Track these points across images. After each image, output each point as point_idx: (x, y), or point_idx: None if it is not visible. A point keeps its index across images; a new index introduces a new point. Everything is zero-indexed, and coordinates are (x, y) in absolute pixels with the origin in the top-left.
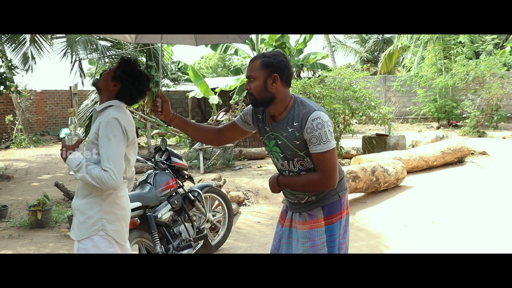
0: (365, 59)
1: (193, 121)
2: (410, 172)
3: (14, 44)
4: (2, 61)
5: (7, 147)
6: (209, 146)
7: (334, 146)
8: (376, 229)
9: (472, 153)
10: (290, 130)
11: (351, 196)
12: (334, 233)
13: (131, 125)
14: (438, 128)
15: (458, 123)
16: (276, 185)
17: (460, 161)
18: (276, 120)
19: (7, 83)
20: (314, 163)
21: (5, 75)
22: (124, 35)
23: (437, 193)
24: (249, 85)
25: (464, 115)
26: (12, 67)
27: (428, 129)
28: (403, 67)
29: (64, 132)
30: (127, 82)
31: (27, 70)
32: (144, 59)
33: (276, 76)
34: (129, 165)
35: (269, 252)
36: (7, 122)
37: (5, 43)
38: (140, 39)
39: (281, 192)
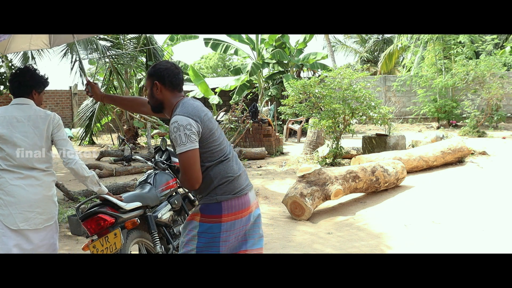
0: (365, 59)
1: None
2: (410, 172)
3: None
4: (2, 61)
5: None
6: None
7: (188, 150)
8: (376, 229)
9: (472, 153)
10: None
11: (350, 196)
12: (206, 232)
13: None
14: (438, 128)
15: (458, 123)
16: None
17: (460, 161)
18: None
19: (7, 83)
20: None
21: (5, 75)
22: (39, 42)
23: (437, 193)
24: (145, 94)
25: (464, 115)
26: (13, 67)
27: (428, 129)
28: (403, 67)
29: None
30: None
31: None
32: (144, 59)
33: (157, 83)
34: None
35: (269, 252)
36: None
37: None
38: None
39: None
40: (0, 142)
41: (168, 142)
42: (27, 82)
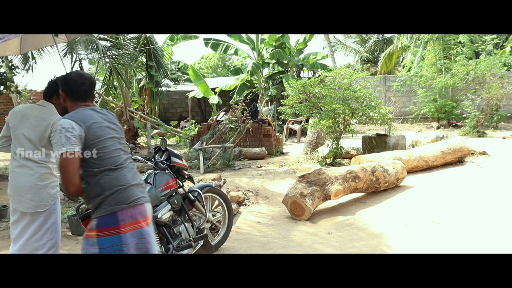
0: (365, 59)
1: None
2: (410, 172)
3: None
4: (2, 61)
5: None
6: (209, 146)
7: (66, 151)
8: (376, 229)
9: (472, 153)
10: None
11: (350, 196)
12: (107, 248)
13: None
14: (438, 128)
15: (458, 123)
16: None
17: (460, 161)
18: None
19: (7, 83)
20: None
21: (5, 75)
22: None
23: (437, 193)
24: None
25: (464, 115)
26: (13, 67)
27: (428, 129)
28: (403, 67)
29: None
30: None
31: (27, 70)
32: (144, 59)
33: (61, 92)
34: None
35: (269, 252)
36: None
37: None
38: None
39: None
40: (11, 133)
41: (169, 142)
42: (52, 86)
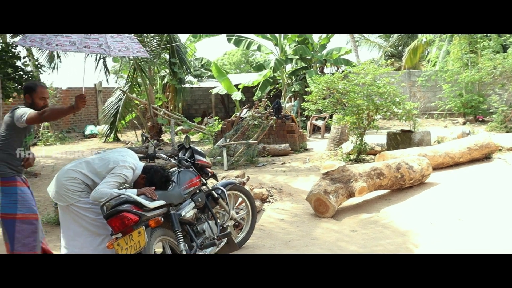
0: (389, 54)
1: None
2: (435, 168)
3: None
4: (29, 60)
5: (34, 144)
6: (233, 143)
7: None
8: (401, 227)
9: (499, 149)
10: None
11: (375, 193)
12: None
13: None
14: (464, 123)
15: (485, 118)
16: None
17: (487, 158)
18: None
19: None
20: None
21: (32, 73)
22: None
23: (464, 190)
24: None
25: (491, 110)
26: (39, 65)
27: (454, 124)
28: (428, 62)
29: (89, 129)
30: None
31: (53, 68)
32: (167, 56)
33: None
34: None
35: (292, 250)
36: None
37: None
38: None
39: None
40: None
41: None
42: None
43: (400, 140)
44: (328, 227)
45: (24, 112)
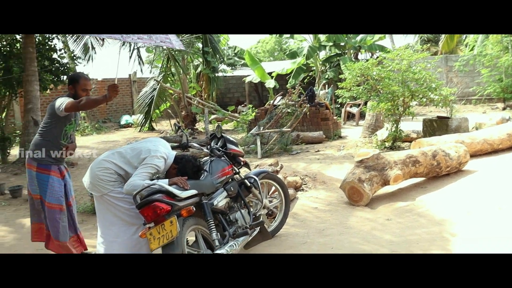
0: (425, 39)
1: None
2: (473, 155)
3: (75, 36)
4: (65, 52)
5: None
6: (267, 131)
7: None
8: (437, 216)
9: None
10: None
11: (410, 181)
12: None
13: None
14: (504, 109)
15: None
16: None
17: None
18: None
19: (70, 73)
20: None
21: (68, 65)
22: None
23: (503, 178)
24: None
25: None
26: (75, 57)
27: (493, 110)
28: (466, 46)
29: (124, 119)
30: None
31: (88, 60)
32: (200, 45)
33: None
34: None
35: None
36: None
37: (67, 35)
38: None
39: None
40: None
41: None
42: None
43: (437, 126)
44: (362, 215)
45: (63, 101)
